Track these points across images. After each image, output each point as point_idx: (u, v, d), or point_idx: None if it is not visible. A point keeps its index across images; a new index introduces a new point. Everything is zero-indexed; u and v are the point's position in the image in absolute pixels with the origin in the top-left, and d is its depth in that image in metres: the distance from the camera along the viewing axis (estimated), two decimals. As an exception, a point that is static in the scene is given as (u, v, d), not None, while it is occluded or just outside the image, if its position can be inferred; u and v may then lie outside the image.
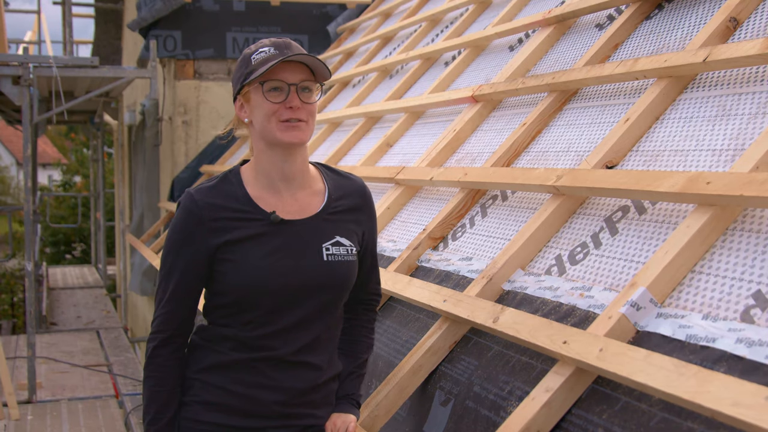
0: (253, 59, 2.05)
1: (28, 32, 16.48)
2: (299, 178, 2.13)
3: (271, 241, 2.07)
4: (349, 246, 2.15)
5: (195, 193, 2.09)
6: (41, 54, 14.27)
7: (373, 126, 4.97)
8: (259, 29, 8.66)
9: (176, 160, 8.61)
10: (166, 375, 2.11)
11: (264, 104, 2.03)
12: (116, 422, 6.95)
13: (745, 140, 2.21)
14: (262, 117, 2.05)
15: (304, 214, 2.12)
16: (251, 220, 2.07)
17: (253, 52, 2.07)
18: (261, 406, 2.09)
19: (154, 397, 2.11)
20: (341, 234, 2.15)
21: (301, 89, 2.05)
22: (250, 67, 2.05)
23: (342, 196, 2.19)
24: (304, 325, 2.10)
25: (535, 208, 2.80)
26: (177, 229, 2.09)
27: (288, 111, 2.03)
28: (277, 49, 2.05)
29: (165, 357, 2.11)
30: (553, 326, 2.08)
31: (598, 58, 3.15)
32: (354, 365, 2.27)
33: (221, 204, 2.07)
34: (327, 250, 2.11)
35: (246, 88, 2.07)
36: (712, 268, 1.96)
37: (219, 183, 2.12)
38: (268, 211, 2.08)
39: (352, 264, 2.16)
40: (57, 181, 28.66)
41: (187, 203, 2.08)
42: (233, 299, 2.08)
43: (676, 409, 1.69)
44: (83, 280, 15.81)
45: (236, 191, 2.10)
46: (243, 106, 2.11)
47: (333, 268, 2.11)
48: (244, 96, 2.09)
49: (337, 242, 2.13)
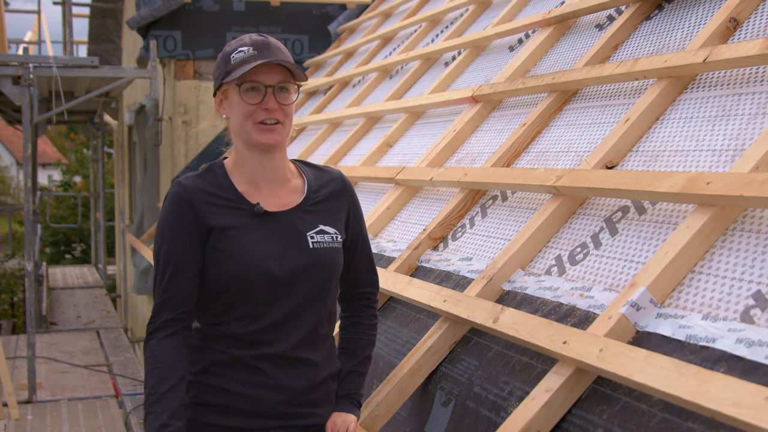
0: (233, 58, 2.08)
1: (28, 32, 16.48)
2: (279, 176, 2.17)
3: (257, 231, 2.09)
4: (334, 233, 2.18)
5: (183, 179, 2.13)
6: (41, 54, 14.28)
7: (373, 126, 4.97)
8: (259, 29, 8.65)
9: (176, 160, 8.61)
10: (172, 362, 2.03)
11: (240, 105, 2.07)
12: (116, 422, 6.95)
13: (745, 140, 2.21)
14: (238, 117, 2.09)
15: (285, 207, 2.15)
16: (237, 209, 2.10)
17: (233, 50, 2.09)
18: (264, 406, 2.09)
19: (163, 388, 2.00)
20: (324, 222, 2.18)
21: (278, 90, 2.08)
22: (229, 66, 2.08)
23: (321, 186, 2.22)
24: (296, 317, 2.11)
25: (535, 208, 2.80)
26: (168, 215, 2.09)
27: (264, 112, 2.07)
28: (257, 49, 2.07)
29: (170, 347, 2.03)
30: (553, 326, 2.08)
31: (598, 59, 3.15)
32: (353, 363, 2.27)
33: (209, 190, 2.10)
34: (312, 238, 2.14)
35: (224, 86, 2.10)
36: (712, 269, 1.96)
37: (205, 173, 2.15)
38: (252, 203, 2.11)
39: (337, 250, 2.19)
40: (57, 181, 28.67)
41: (176, 190, 2.10)
42: (223, 290, 2.07)
43: (676, 410, 1.69)
44: (83, 280, 15.80)
45: (222, 181, 2.13)
46: (222, 102, 2.15)
47: (319, 253, 2.13)
48: (223, 93, 2.13)
49: (321, 230, 2.17)
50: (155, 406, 2.00)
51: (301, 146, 5.65)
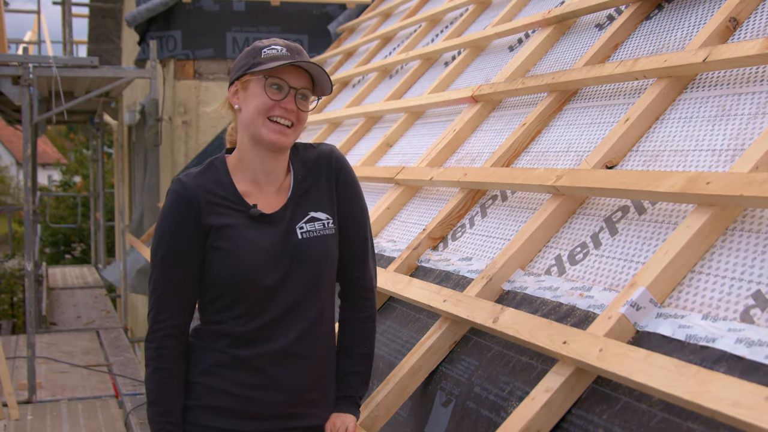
0: (264, 53, 2.09)
1: (28, 32, 16.49)
2: (279, 176, 2.17)
3: (253, 231, 2.10)
4: (326, 219, 2.18)
5: (183, 177, 2.13)
6: (41, 54, 14.28)
7: (373, 126, 4.97)
8: (259, 29, 8.66)
9: (176, 160, 8.61)
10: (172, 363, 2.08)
11: (261, 97, 2.07)
12: (116, 422, 6.94)
13: (745, 140, 2.21)
14: (253, 109, 2.08)
15: (279, 206, 2.16)
16: (234, 209, 2.11)
17: (266, 46, 2.10)
18: (265, 407, 2.09)
19: (166, 388, 2.08)
20: (314, 209, 2.18)
21: (300, 96, 2.10)
22: (258, 58, 2.08)
23: (308, 171, 2.21)
24: (294, 311, 2.11)
25: (534, 208, 2.80)
26: (168, 213, 2.10)
27: (282, 110, 2.07)
28: (290, 51, 2.10)
29: (172, 347, 2.08)
30: (553, 326, 2.08)
31: (598, 58, 3.15)
32: (350, 363, 2.26)
33: (209, 188, 2.11)
34: (301, 229, 2.14)
35: (248, 76, 2.10)
36: (711, 268, 1.96)
37: (206, 169, 2.15)
38: (250, 203, 2.12)
39: (330, 237, 2.17)
40: (57, 181, 28.67)
41: (177, 188, 2.10)
42: (221, 290, 2.09)
43: (676, 410, 1.69)
44: (83, 280, 15.80)
45: (222, 179, 2.13)
46: (238, 92, 2.14)
47: (309, 244, 2.13)
48: (243, 83, 2.12)
49: (312, 218, 2.16)
50: (157, 408, 2.07)
51: (301, 146, 5.64)
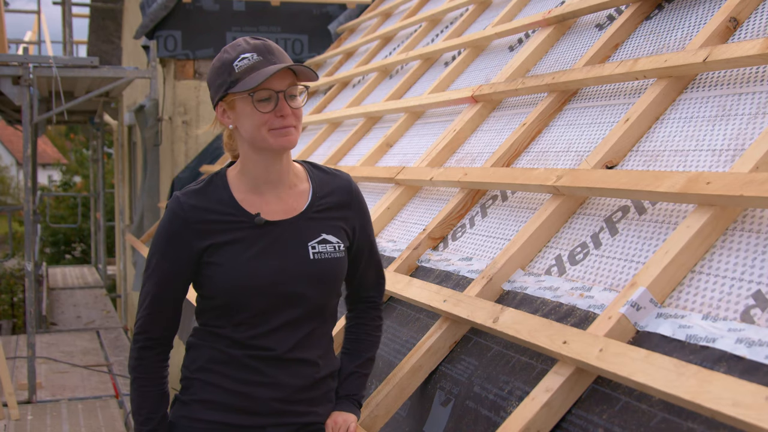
0: (236, 66, 1.99)
1: (28, 32, 16.49)
2: (284, 179, 2.12)
3: (257, 243, 2.07)
4: (337, 243, 2.14)
5: (181, 196, 2.09)
6: (41, 54, 14.28)
7: (373, 126, 4.97)
8: (259, 29, 8.65)
9: (176, 160, 8.61)
10: (154, 375, 2.13)
11: (254, 114, 2.00)
12: (116, 422, 6.95)
13: (745, 140, 2.21)
14: (251, 126, 2.01)
15: (289, 214, 2.11)
16: (236, 223, 2.07)
17: (234, 58, 2.00)
18: (260, 403, 2.09)
19: (145, 397, 2.12)
20: (327, 231, 2.14)
21: (289, 96, 2.02)
22: (234, 75, 1.99)
23: (328, 193, 2.17)
24: (295, 325, 2.11)
25: (535, 208, 2.80)
26: (163, 231, 2.09)
27: (279, 120, 2.01)
28: (260, 54, 2.00)
29: (151, 359, 2.12)
30: (553, 326, 2.08)
31: (598, 58, 3.15)
32: (356, 364, 2.27)
33: (207, 207, 2.07)
34: (313, 249, 2.10)
35: (230, 96, 2.02)
36: (712, 268, 1.96)
37: (205, 186, 2.11)
38: (253, 213, 2.08)
39: (339, 261, 2.15)
40: (57, 181, 28.66)
41: (174, 206, 2.08)
42: (222, 302, 2.08)
43: (676, 410, 1.69)
44: (83, 280, 15.82)
45: (222, 194, 2.09)
46: (226, 112, 2.06)
47: (319, 266, 2.10)
48: (228, 103, 2.04)
49: (324, 240, 2.13)
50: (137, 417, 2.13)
51: (301, 146, 5.65)
